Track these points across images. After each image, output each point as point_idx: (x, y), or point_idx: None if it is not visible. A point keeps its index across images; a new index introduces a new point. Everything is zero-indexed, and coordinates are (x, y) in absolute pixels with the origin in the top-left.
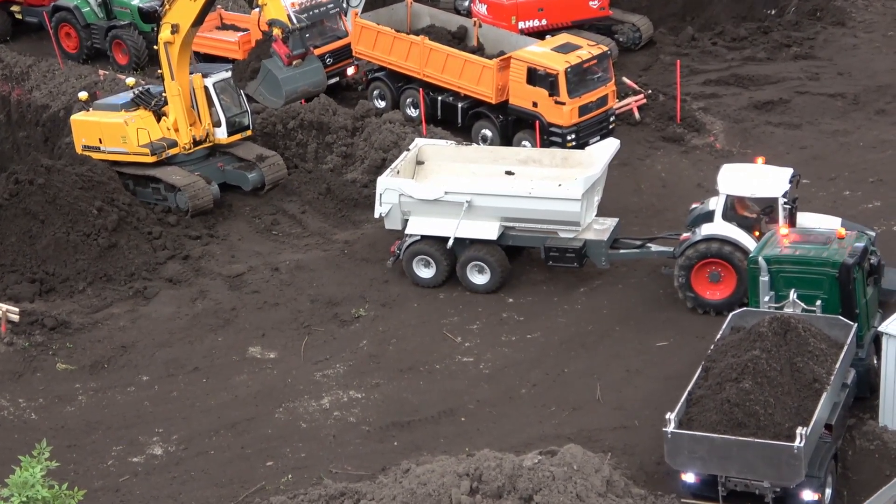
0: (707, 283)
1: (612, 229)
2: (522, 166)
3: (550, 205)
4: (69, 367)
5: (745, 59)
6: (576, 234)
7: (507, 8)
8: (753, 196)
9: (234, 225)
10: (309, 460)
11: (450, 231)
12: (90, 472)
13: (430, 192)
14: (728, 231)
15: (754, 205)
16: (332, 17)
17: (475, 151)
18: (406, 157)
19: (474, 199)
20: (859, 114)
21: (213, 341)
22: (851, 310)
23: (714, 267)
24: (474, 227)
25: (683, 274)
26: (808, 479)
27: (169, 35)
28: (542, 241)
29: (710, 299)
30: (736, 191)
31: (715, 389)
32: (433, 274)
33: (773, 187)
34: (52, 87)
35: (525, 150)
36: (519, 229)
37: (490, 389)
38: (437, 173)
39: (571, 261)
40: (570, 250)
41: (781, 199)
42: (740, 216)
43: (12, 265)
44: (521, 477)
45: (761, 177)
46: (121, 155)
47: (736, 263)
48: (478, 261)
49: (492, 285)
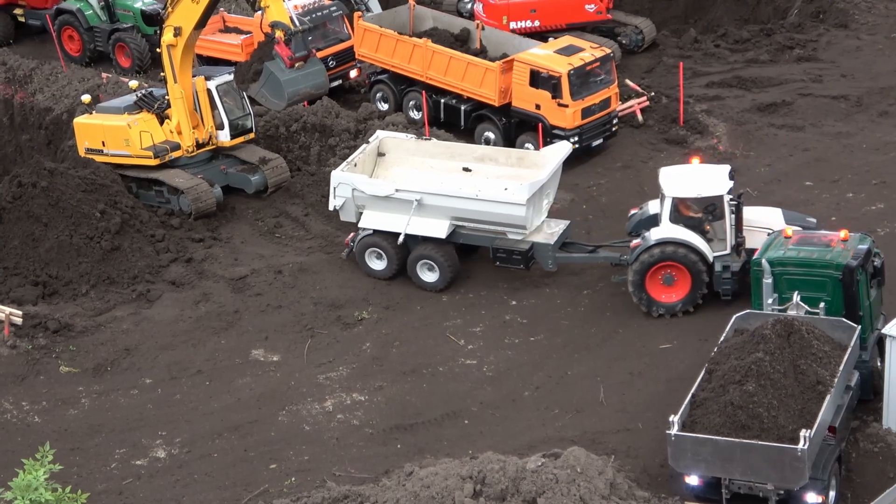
0: (661, 286)
1: (562, 232)
2: (479, 163)
3: (497, 207)
4: (72, 369)
5: (748, 61)
6: (524, 237)
7: (498, 8)
8: (700, 196)
9: (237, 228)
10: (312, 463)
11: (401, 227)
12: (93, 475)
13: (381, 189)
14: (679, 233)
15: (696, 205)
16: (334, 20)
17: (434, 146)
18: (366, 149)
19: (424, 198)
20: (862, 116)
21: (216, 344)
22: (855, 312)
23: (667, 270)
24: (425, 224)
25: (638, 279)
26: (812, 482)
27: (171, 38)
28: (491, 241)
29: (666, 302)
30: (682, 193)
31: (718, 392)
32: (385, 266)
33: (716, 186)
34: (55, 90)
35: (482, 148)
36: (469, 229)
37: (493, 392)
38: (397, 166)
39: (518, 263)
40: (517, 252)
41: (727, 196)
42: (686, 217)
43: (15, 268)
44: (525, 479)
45: (702, 177)
46: (124, 158)
47: (689, 265)
48: (427, 259)
49: (440, 283)
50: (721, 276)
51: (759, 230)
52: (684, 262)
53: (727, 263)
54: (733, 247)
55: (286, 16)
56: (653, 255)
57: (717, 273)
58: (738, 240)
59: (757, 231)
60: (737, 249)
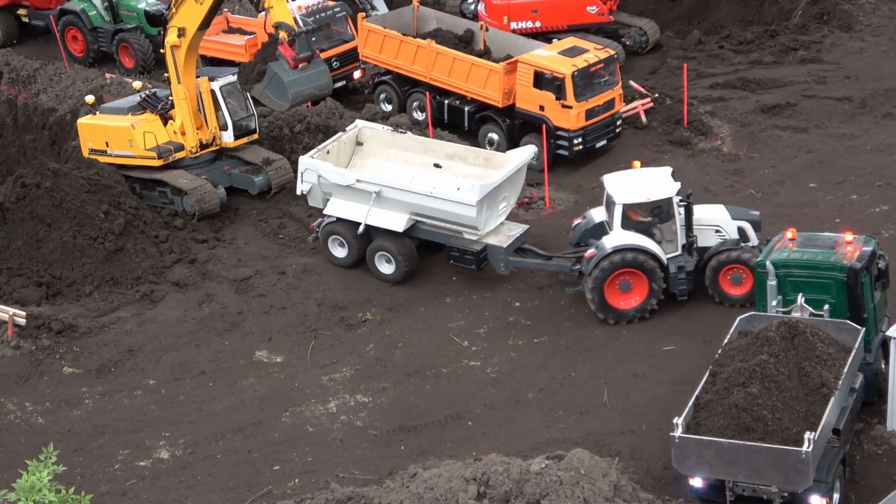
0: (618, 293)
1: (518, 237)
2: (450, 161)
3: (449, 206)
4: (76, 370)
5: (752, 62)
6: (478, 237)
7: (499, 8)
8: (650, 200)
9: (240, 228)
10: (316, 464)
11: (362, 217)
12: (97, 476)
13: (343, 178)
14: (635, 240)
15: (645, 209)
16: (338, 21)
17: (409, 140)
18: (342, 137)
19: (383, 190)
20: (866, 117)
21: (219, 345)
22: (859, 314)
23: (624, 277)
24: (384, 216)
25: (597, 287)
26: (816, 484)
27: (175, 39)
28: (447, 238)
29: (625, 309)
30: (632, 199)
31: (722, 394)
32: (346, 254)
33: (664, 188)
34: (59, 91)
35: (452, 146)
36: (428, 225)
37: (497, 393)
38: (373, 156)
39: (470, 263)
40: (470, 253)
41: (676, 198)
42: (636, 222)
43: (19, 269)
44: (529, 481)
45: (648, 181)
46: (127, 158)
47: (647, 270)
48: (384, 251)
49: (397, 276)
50: (676, 276)
51: (706, 228)
52: (642, 267)
53: (681, 264)
54: (684, 247)
55: (290, 17)
56: (611, 263)
57: (672, 274)
58: (690, 239)
59: (705, 229)
60: (688, 249)
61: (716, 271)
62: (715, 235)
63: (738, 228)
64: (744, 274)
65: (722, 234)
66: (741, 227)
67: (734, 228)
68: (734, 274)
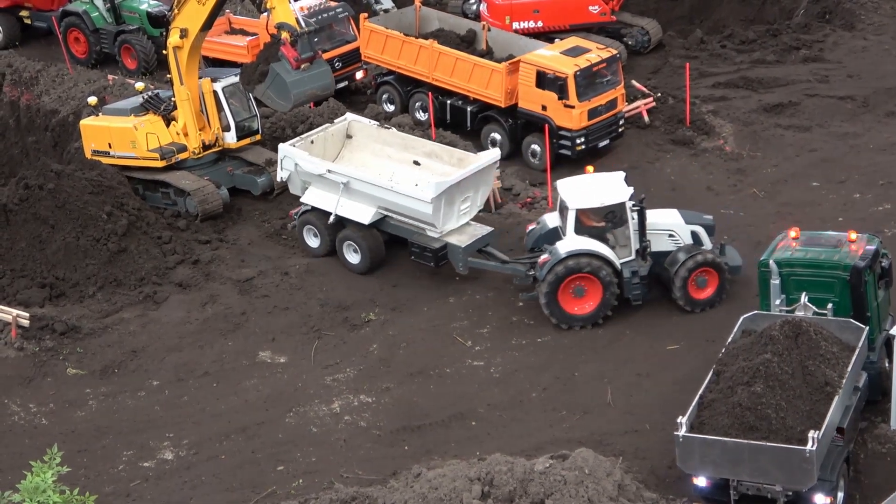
0: (572, 299)
1: (480, 238)
2: (428, 159)
3: (408, 202)
4: (79, 371)
5: (755, 61)
6: (439, 235)
7: (501, 8)
8: (603, 205)
9: (243, 229)
10: (320, 465)
11: (333, 207)
12: (101, 476)
13: (315, 168)
14: (587, 244)
15: (598, 214)
16: (340, 22)
17: (392, 136)
18: (329, 128)
19: (351, 182)
20: (869, 116)
21: (223, 346)
22: (863, 313)
23: (577, 282)
24: (353, 208)
25: (550, 293)
26: (820, 483)
27: (178, 39)
28: (411, 234)
29: (579, 314)
30: (585, 204)
31: (726, 393)
32: (319, 244)
33: (617, 193)
34: (62, 92)
35: (430, 144)
36: (395, 220)
37: (500, 393)
38: (361, 149)
39: (429, 260)
40: (429, 250)
41: (629, 202)
42: (589, 227)
43: (22, 270)
44: (533, 481)
45: (601, 186)
46: (130, 160)
47: (602, 275)
48: (351, 241)
49: (362, 267)
50: (630, 281)
51: (660, 233)
52: (595, 272)
53: (635, 269)
54: (638, 251)
55: (292, 17)
56: (564, 269)
57: (626, 279)
58: (643, 244)
59: (658, 234)
60: (642, 254)
61: (686, 277)
62: (669, 240)
63: (691, 233)
64: (710, 278)
65: (676, 239)
66: (695, 231)
67: (688, 233)
68: (700, 278)
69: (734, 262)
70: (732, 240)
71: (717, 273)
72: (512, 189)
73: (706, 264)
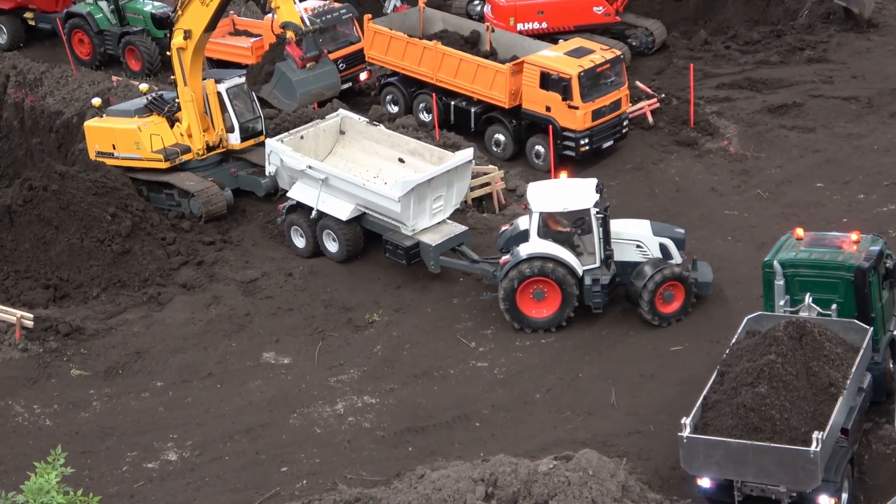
0: (532, 302)
1: (453, 237)
2: (411, 156)
3: (380, 199)
4: (83, 373)
5: (759, 62)
6: (413, 233)
7: (505, 9)
8: (566, 210)
9: (247, 230)
10: (323, 466)
11: (314, 202)
12: (105, 478)
13: (297, 163)
14: (548, 248)
15: (565, 219)
16: (344, 23)
17: (380, 133)
18: (321, 124)
19: (330, 178)
20: (873, 117)
21: (227, 347)
22: (867, 313)
23: (537, 285)
24: (333, 204)
25: (509, 295)
26: (825, 484)
27: (181, 41)
28: (385, 231)
29: (536, 318)
30: (548, 208)
31: (730, 394)
32: (305, 244)
33: (583, 200)
34: (66, 94)
35: (414, 142)
36: (373, 216)
37: (504, 394)
38: (352, 146)
39: (401, 258)
40: (401, 248)
41: (594, 209)
42: (554, 232)
43: (26, 271)
44: (537, 482)
45: (570, 191)
46: (134, 161)
47: (560, 280)
48: (330, 230)
49: (339, 256)
50: (591, 289)
51: (627, 243)
52: (554, 277)
53: (596, 277)
54: (602, 260)
55: (297, 16)
56: (522, 271)
57: (587, 287)
58: (607, 252)
59: (626, 244)
60: (606, 262)
61: (653, 294)
62: (636, 251)
63: (660, 245)
64: (676, 292)
65: (644, 251)
66: (663, 243)
67: (656, 245)
68: (666, 292)
69: (704, 279)
70: (736, 241)
71: (684, 287)
72: (516, 190)
73: (673, 278)
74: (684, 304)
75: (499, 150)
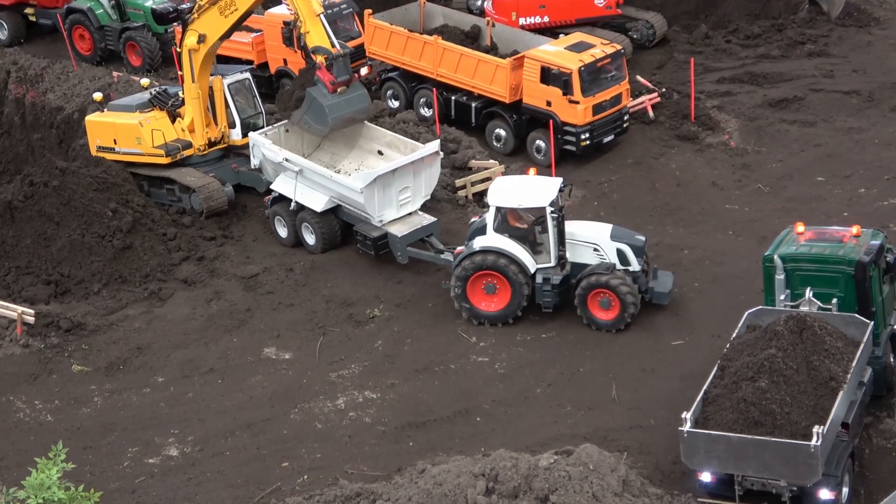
0: (483, 294)
1: (421, 228)
2: (388, 149)
3: (346, 191)
4: (84, 368)
5: (760, 56)
6: (381, 224)
7: (507, 4)
8: (521, 207)
9: (248, 226)
10: (324, 461)
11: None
12: (106, 473)
13: (274, 156)
14: (501, 243)
15: (527, 216)
16: (345, 18)
17: (361, 126)
18: None
19: (304, 170)
20: (874, 111)
21: (228, 342)
22: (867, 308)
23: (489, 279)
24: (310, 195)
25: (460, 285)
26: (825, 478)
27: (195, 43)
28: (356, 222)
29: (486, 311)
30: (505, 203)
31: (731, 388)
32: (287, 234)
33: (540, 198)
34: (67, 89)
35: (390, 135)
36: (347, 207)
37: (505, 389)
38: (337, 139)
39: (370, 248)
40: (369, 238)
41: (549, 208)
42: (513, 228)
43: (27, 267)
44: (538, 477)
45: (530, 188)
46: (135, 156)
47: (510, 275)
48: (307, 222)
49: (316, 248)
50: (542, 288)
51: (584, 245)
52: (503, 271)
53: (548, 276)
54: (556, 260)
55: (326, 40)
56: (473, 263)
57: (537, 285)
58: (560, 253)
59: (581, 245)
60: (560, 263)
61: (584, 294)
62: (594, 254)
63: (617, 251)
64: (612, 299)
65: (600, 254)
66: (621, 249)
67: (613, 250)
68: (603, 298)
69: (661, 289)
70: (737, 235)
71: (618, 298)
72: None
73: (600, 286)
74: (620, 315)
75: (499, 145)
